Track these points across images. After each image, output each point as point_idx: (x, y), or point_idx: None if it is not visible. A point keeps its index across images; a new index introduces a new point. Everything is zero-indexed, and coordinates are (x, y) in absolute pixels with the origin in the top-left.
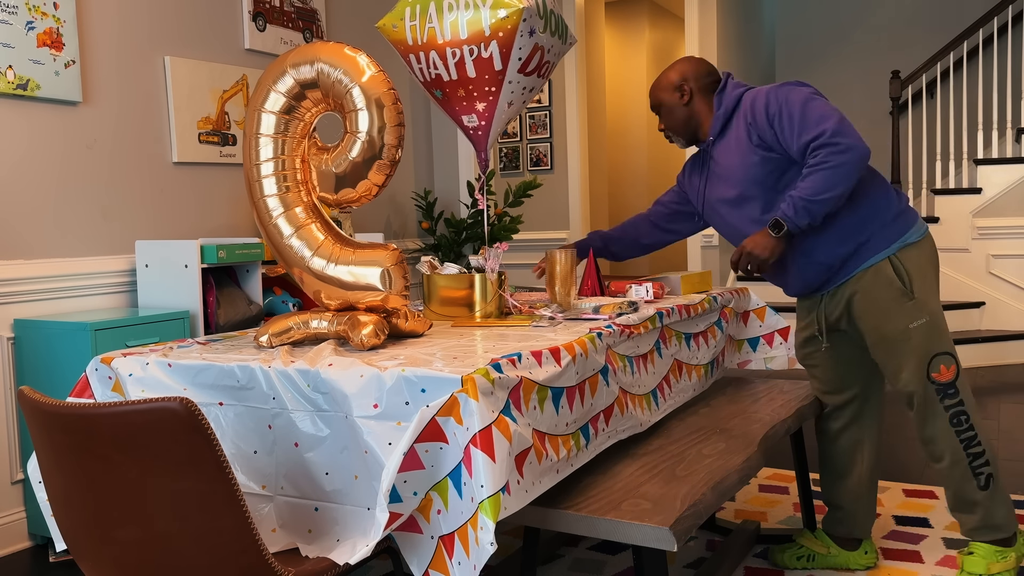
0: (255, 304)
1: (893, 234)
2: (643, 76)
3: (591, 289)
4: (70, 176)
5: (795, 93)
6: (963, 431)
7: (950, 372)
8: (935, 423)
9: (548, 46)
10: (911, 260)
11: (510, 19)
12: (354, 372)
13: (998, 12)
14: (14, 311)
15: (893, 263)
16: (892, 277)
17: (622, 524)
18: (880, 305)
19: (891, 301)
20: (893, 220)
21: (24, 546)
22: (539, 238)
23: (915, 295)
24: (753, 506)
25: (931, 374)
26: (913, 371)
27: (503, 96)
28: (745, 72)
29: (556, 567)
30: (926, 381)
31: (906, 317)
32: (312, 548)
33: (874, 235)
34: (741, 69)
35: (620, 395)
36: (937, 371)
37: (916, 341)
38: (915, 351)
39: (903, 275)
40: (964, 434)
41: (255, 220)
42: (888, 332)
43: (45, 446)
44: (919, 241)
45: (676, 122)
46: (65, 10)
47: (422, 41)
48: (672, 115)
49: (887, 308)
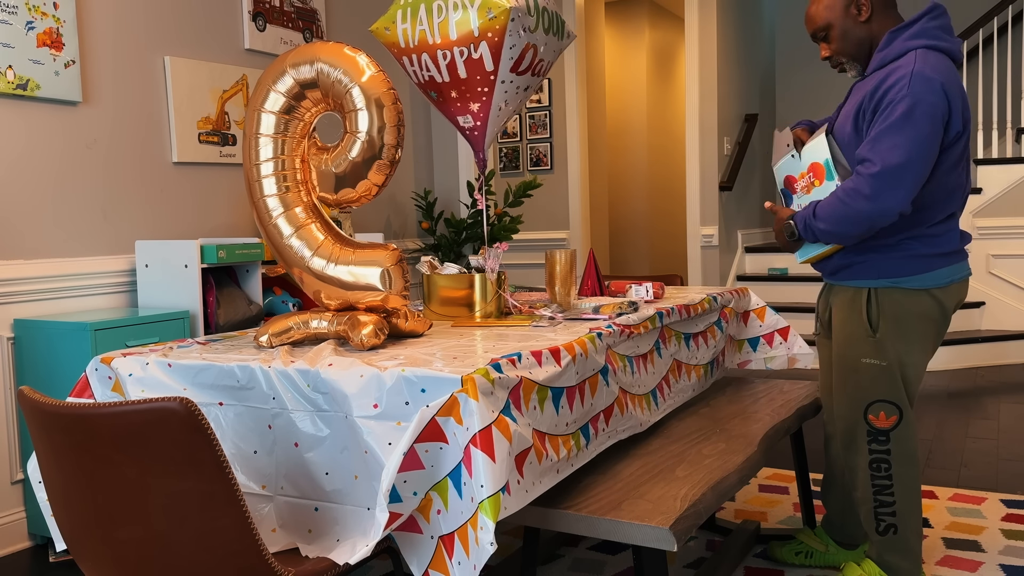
0: (255, 304)
1: (891, 269)
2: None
3: (591, 289)
4: (70, 176)
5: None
6: (879, 477)
7: (888, 421)
8: (856, 458)
9: (541, 44)
10: (890, 302)
11: (498, 19)
12: (354, 372)
13: (998, 12)
14: (14, 311)
15: (869, 295)
16: (860, 307)
17: (622, 524)
18: (846, 326)
19: (854, 328)
20: (909, 256)
21: (24, 546)
22: (539, 238)
23: (876, 335)
24: (753, 506)
25: (868, 415)
26: (850, 403)
27: (496, 96)
28: (745, 72)
29: (556, 567)
30: (860, 417)
31: (862, 350)
32: (312, 548)
33: (871, 261)
34: (741, 69)
35: (620, 395)
36: (876, 415)
37: (863, 377)
38: (858, 386)
39: (873, 312)
40: (878, 480)
41: (255, 220)
42: (843, 355)
43: (45, 446)
44: (925, 290)
45: (851, 45)
46: (65, 10)
47: (413, 44)
48: (846, 38)
49: (849, 332)
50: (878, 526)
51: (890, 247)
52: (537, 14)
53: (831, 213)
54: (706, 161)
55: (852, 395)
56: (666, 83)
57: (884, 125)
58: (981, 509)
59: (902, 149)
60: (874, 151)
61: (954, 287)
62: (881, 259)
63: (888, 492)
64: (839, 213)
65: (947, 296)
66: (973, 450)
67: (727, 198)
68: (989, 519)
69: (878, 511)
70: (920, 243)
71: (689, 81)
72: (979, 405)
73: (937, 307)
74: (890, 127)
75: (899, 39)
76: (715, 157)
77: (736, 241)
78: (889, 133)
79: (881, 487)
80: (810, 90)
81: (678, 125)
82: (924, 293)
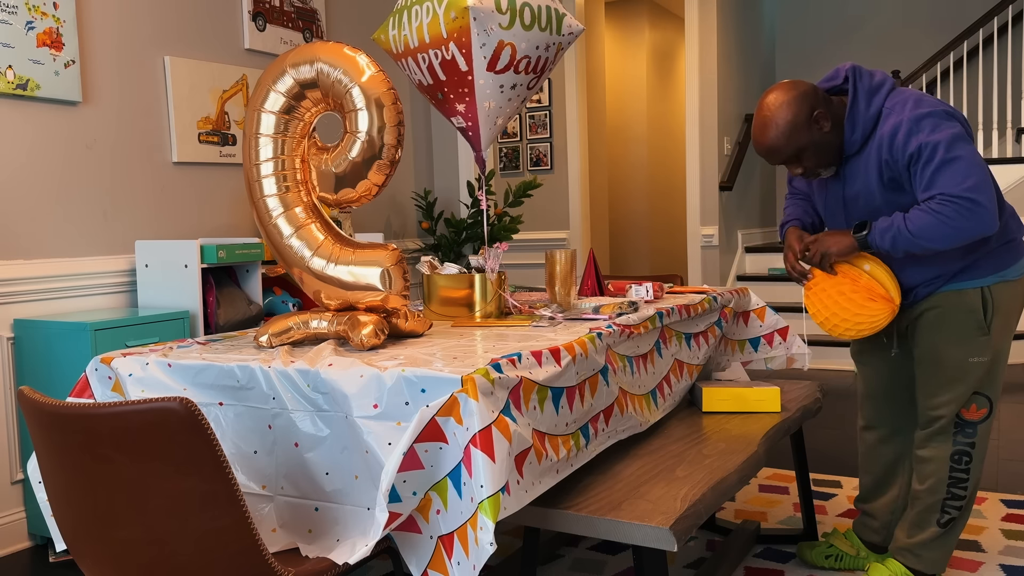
0: (255, 304)
1: (996, 264)
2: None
3: (591, 289)
4: (70, 176)
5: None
6: (958, 470)
7: (979, 413)
8: (939, 449)
9: (521, 41)
10: (1002, 296)
11: (460, 20)
12: (354, 372)
13: (998, 12)
14: (14, 311)
15: (983, 294)
16: (976, 307)
17: (622, 524)
18: (950, 328)
19: (963, 329)
20: (1000, 248)
21: (24, 546)
22: (539, 238)
23: (990, 332)
24: (753, 506)
25: (962, 409)
26: (951, 401)
27: (479, 96)
28: (745, 72)
29: (556, 567)
30: (955, 414)
31: (971, 350)
32: (312, 548)
33: (978, 261)
34: (741, 69)
35: (620, 395)
36: (968, 408)
37: (970, 376)
38: (964, 384)
39: (988, 309)
40: (957, 472)
41: (255, 220)
42: (945, 357)
43: (45, 446)
44: (1017, 280)
45: (828, 155)
46: (65, 10)
47: (400, 50)
48: (820, 152)
49: (956, 334)
50: (941, 518)
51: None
52: (514, 11)
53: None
54: (706, 161)
55: (953, 396)
56: (666, 83)
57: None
58: (981, 509)
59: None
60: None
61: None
62: (984, 255)
63: (963, 485)
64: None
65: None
66: None
67: (727, 198)
68: (989, 519)
69: (947, 503)
70: (1006, 229)
71: (689, 81)
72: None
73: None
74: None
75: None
76: (715, 157)
77: (736, 241)
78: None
79: (957, 479)
80: None
81: (678, 125)
82: (1020, 282)
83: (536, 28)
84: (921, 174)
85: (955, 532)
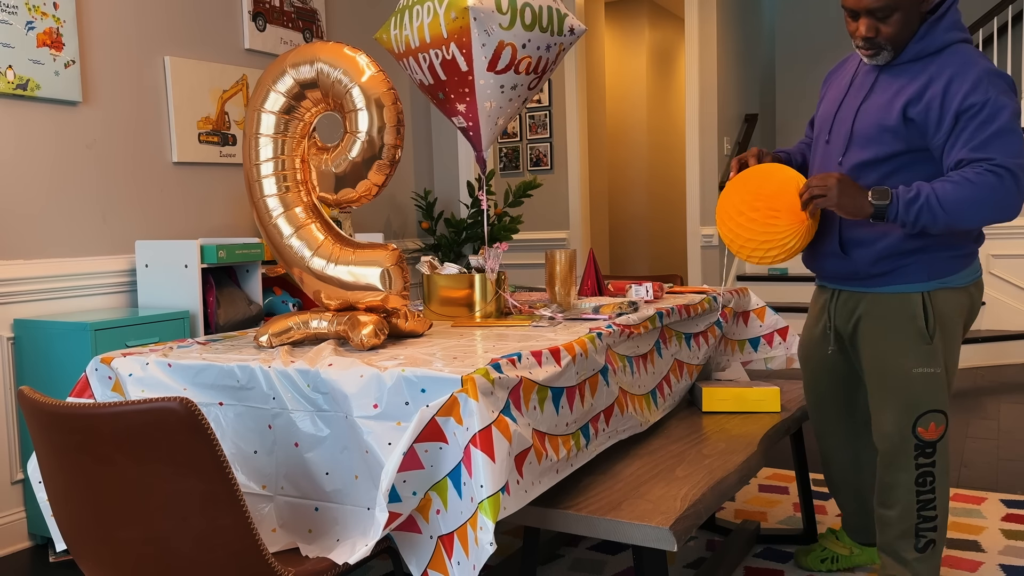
0: (255, 304)
1: (940, 269)
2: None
3: (591, 289)
4: (70, 176)
5: (1012, 101)
6: (924, 491)
7: (937, 432)
8: (900, 475)
9: (522, 42)
10: (946, 305)
11: (460, 20)
12: (354, 372)
13: (998, 12)
14: (14, 311)
15: (924, 300)
16: (915, 313)
17: (622, 524)
18: (891, 336)
19: (905, 337)
20: (949, 254)
21: (24, 546)
22: (539, 238)
23: (933, 342)
24: (753, 506)
25: (917, 428)
26: (899, 417)
27: (480, 96)
28: (745, 72)
29: (556, 567)
30: (909, 434)
31: (915, 360)
32: (312, 548)
33: (920, 261)
34: (741, 69)
35: (620, 395)
36: (925, 427)
37: (915, 388)
38: (910, 398)
39: (929, 317)
40: (923, 495)
41: (255, 220)
42: (889, 367)
43: (45, 446)
44: (964, 287)
45: (907, 33)
46: (65, 10)
47: (401, 49)
48: (907, 25)
49: (898, 343)
50: (918, 543)
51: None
52: (514, 11)
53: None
54: (706, 161)
55: (902, 410)
56: (666, 83)
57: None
58: (981, 509)
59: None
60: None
61: (980, 280)
62: (930, 258)
63: (931, 507)
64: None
65: (978, 290)
66: (973, 450)
67: None
68: (989, 519)
69: (920, 528)
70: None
71: (689, 81)
72: (979, 405)
73: (973, 304)
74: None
75: (937, 30)
76: (715, 157)
77: None
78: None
79: (925, 502)
80: (810, 90)
81: (678, 125)
82: (965, 291)
83: (537, 28)
84: (974, 132)
85: (937, 551)
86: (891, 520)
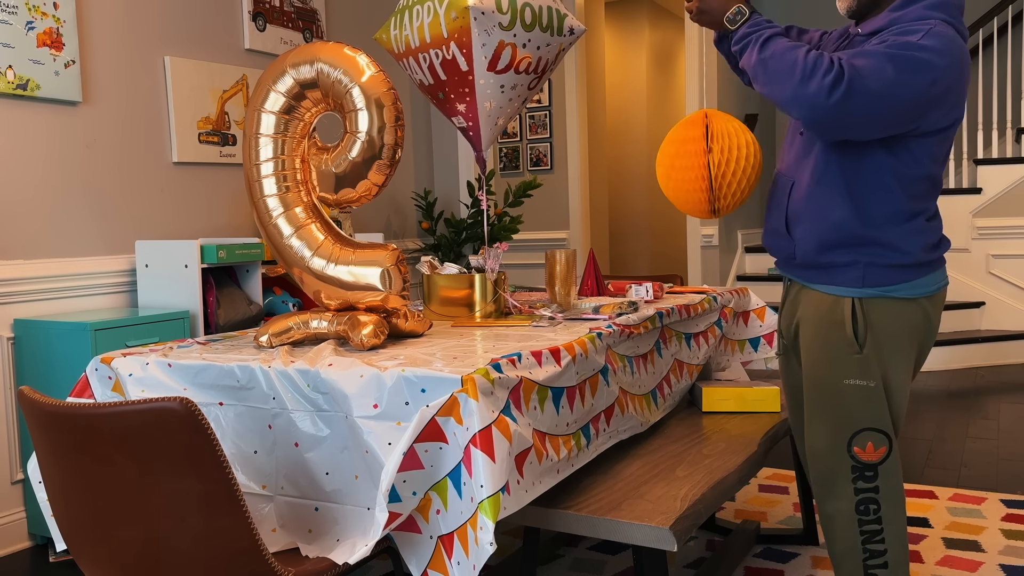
0: (255, 304)
1: (879, 277)
2: (643, 76)
3: (591, 289)
4: (70, 176)
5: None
6: (867, 522)
7: (877, 453)
8: (835, 503)
9: (523, 42)
10: (881, 316)
11: (461, 20)
12: (354, 372)
13: (998, 12)
14: (14, 311)
15: (854, 306)
16: (844, 320)
17: (622, 524)
18: (823, 342)
19: (833, 343)
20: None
21: (24, 546)
22: (539, 238)
23: (864, 352)
24: (753, 506)
25: (853, 447)
26: (829, 433)
27: (480, 96)
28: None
29: (556, 567)
30: (843, 451)
31: (845, 370)
32: (312, 548)
33: (858, 264)
34: None
35: (620, 395)
36: (862, 447)
37: (846, 402)
38: (842, 412)
39: (858, 326)
40: (867, 526)
41: (255, 220)
42: (818, 376)
43: (45, 446)
44: (913, 299)
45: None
46: (65, 10)
47: (401, 49)
48: None
49: (827, 349)
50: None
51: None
52: (515, 11)
53: (781, 57)
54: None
55: (832, 426)
56: (666, 83)
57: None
58: (981, 509)
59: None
60: (856, 56)
61: (940, 294)
62: (868, 262)
63: (878, 539)
64: (786, 62)
65: (934, 305)
66: (973, 450)
67: None
68: (989, 519)
69: (868, 564)
70: (914, 240)
71: (689, 81)
72: (979, 405)
73: (926, 319)
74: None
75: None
76: None
77: (736, 241)
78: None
79: (870, 534)
80: None
81: None
82: (914, 303)
83: (537, 28)
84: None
85: None
86: (837, 559)
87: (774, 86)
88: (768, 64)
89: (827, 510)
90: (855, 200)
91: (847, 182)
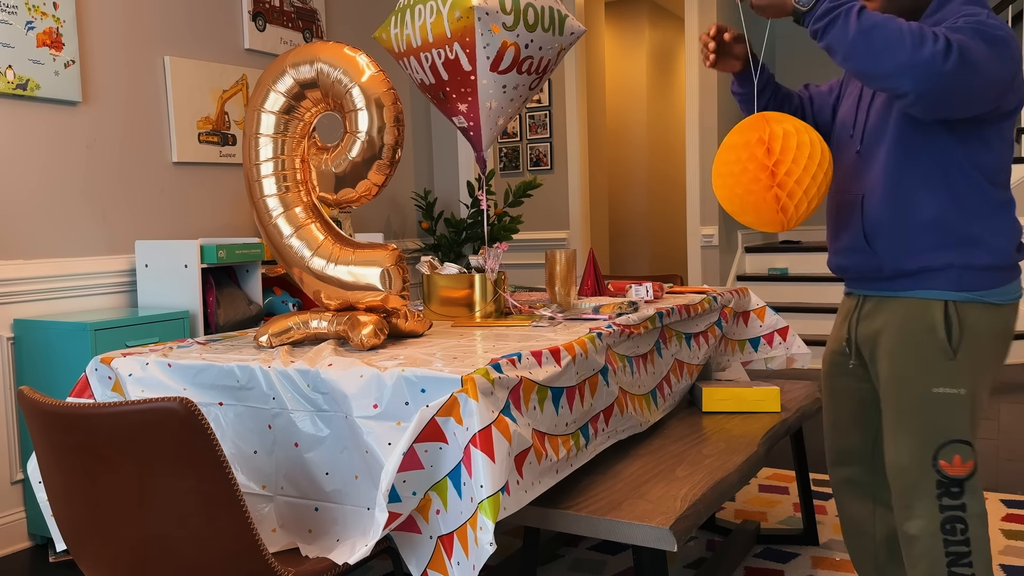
0: (255, 304)
1: (971, 280)
2: (643, 76)
3: (591, 289)
4: (70, 176)
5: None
6: (954, 543)
7: (964, 467)
8: (923, 520)
9: (526, 42)
10: (975, 320)
11: (465, 20)
12: (354, 372)
13: (998, 12)
14: (14, 311)
15: (948, 311)
16: (935, 325)
17: (622, 524)
18: (909, 349)
19: (924, 350)
20: (983, 265)
21: (24, 546)
22: (539, 238)
23: (957, 358)
24: (753, 506)
25: (939, 460)
26: (915, 446)
27: (481, 96)
28: None
29: (556, 567)
30: (929, 466)
31: (935, 377)
32: (312, 548)
33: (950, 267)
34: None
35: (620, 395)
36: (948, 460)
37: (934, 412)
38: (928, 424)
39: (952, 330)
40: (953, 547)
41: (255, 220)
42: (905, 385)
43: (45, 446)
44: (1000, 306)
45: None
46: (65, 10)
47: (402, 49)
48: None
49: (916, 356)
50: None
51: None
52: (518, 12)
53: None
54: (706, 161)
55: (918, 437)
56: (666, 83)
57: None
58: None
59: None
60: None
61: (1018, 304)
62: (964, 265)
63: (965, 563)
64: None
65: (1014, 315)
66: None
67: None
68: (989, 519)
69: None
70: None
71: (689, 81)
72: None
73: (1009, 328)
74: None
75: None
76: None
77: (736, 241)
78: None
79: (956, 556)
80: None
81: (678, 125)
82: (1002, 310)
83: (539, 29)
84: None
85: None
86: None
87: (882, 57)
88: (873, 34)
89: (908, 530)
90: (945, 194)
91: (928, 180)
